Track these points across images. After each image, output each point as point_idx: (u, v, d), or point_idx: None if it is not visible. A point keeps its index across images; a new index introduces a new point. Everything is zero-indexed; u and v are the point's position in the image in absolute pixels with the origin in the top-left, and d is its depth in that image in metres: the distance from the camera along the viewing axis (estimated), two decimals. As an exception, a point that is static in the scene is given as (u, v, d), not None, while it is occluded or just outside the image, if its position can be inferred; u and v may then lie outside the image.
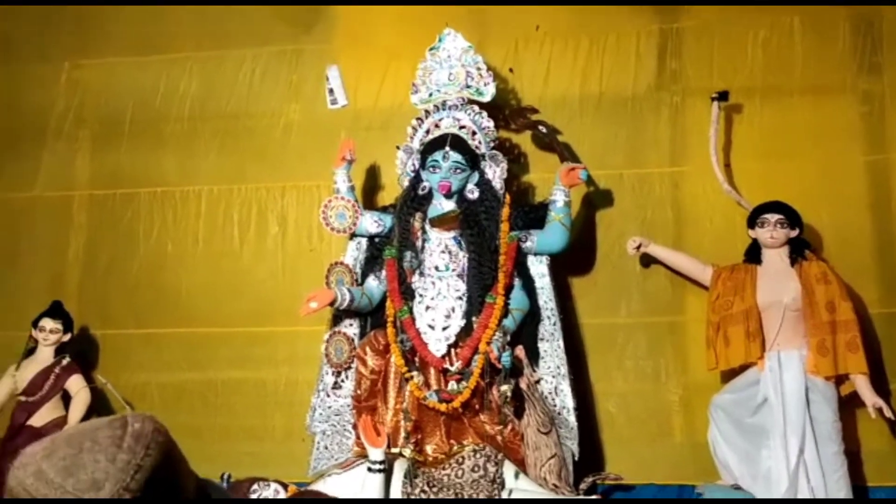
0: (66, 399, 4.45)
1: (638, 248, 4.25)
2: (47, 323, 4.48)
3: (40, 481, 0.97)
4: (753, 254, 4.07)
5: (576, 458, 4.06)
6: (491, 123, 4.31)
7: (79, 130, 5.15)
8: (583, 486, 3.94)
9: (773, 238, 3.97)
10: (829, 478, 3.70)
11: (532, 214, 4.33)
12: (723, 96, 4.31)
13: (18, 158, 5.12)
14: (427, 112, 4.36)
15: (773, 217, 3.97)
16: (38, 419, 4.35)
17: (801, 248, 4.01)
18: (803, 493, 3.68)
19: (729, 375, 4.09)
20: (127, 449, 0.97)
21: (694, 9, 4.62)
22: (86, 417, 4.44)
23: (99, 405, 4.56)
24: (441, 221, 4.21)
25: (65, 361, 4.47)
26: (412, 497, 3.78)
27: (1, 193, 5.10)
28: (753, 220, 4.04)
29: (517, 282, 4.20)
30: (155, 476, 0.97)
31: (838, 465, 3.71)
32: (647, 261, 4.43)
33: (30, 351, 4.51)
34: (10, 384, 4.35)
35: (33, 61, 5.17)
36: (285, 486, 4.01)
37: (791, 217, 3.98)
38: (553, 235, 4.23)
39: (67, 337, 4.54)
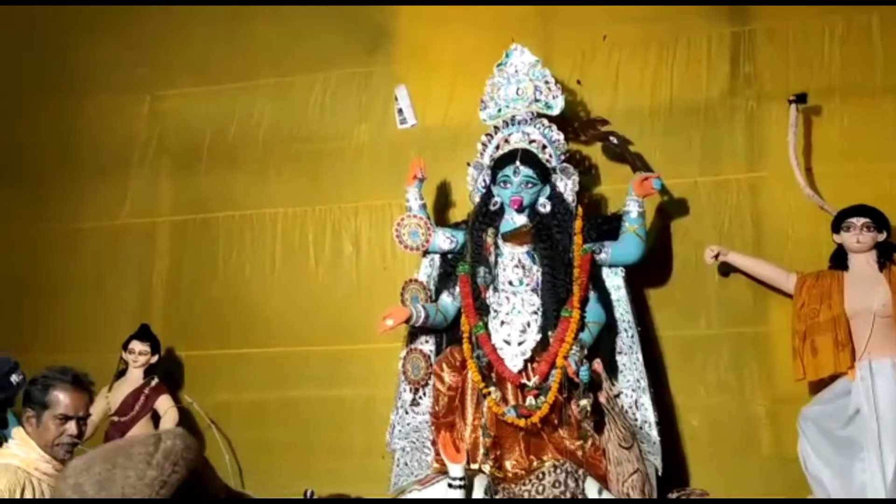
0: (156, 418, 4.62)
1: (716, 256, 4.16)
2: (136, 345, 4.66)
3: (77, 493, 1.02)
4: (839, 259, 3.93)
5: (659, 474, 3.98)
6: (561, 136, 4.29)
7: (160, 159, 5.35)
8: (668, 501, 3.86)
9: (860, 242, 3.82)
10: (929, 492, 3.53)
11: (605, 226, 4.29)
12: (801, 98, 4.18)
13: (105, 188, 5.35)
14: (496, 128, 4.38)
15: (858, 221, 3.83)
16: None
17: (890, 251, 3.85)
18: (903, 509, 3.52)
19: (818, 387, 3.95)
20: (156, 465, 1.02)
21: (766, 9, 4.50)
22: (174, 436, 4.59)
23: (185, 423, 4.71)
24: (513, 236, 4.20)
25: (154, 382, 4.63)
26: (494, 514, 3.77)
27: (91, 222, 5.34)
28: (838, 224, 3.90)
29: (592, 295, 4.16)
30: (180, 491, 1.02)
31: (941, 477, 3.54)
32: (727, 270, 4.32)
33: (121, 373, 4.70)
34: (103, 405, 4.53)
35: (117, 92, 5.40)
36: (368, 504, 4.08)
37: (878, 220, 3.83)
38: (628, 246, 4.18)
39: (155, 358, 4.71)
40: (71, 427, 2.45)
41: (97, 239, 5.32)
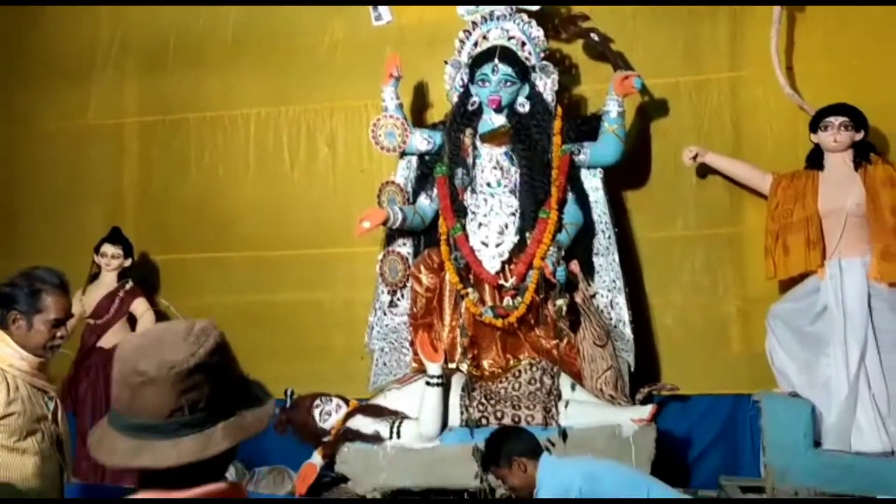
0: (132, 322, 4.62)
1: (695, 157, 4.15)
2: (108, 249, 4.61)
3: (132, 361, 1.22)
4: (815, 159, 3.93)
5: (632, 370, 4.09)
6: (541, 33, 4.18)
7: (124, 59, 5.15)
8: (639, 396, 3.97)
9: (837, 142, 3.82)
10: (891, 385, 3.66)
11: (585, 127, 4.24)
12: (786, -3, 4.09)
13: (69, 90, 5.16)
14: (474, 24, 4.25)
15: (837, 120, 3.82)
16: (106, 341, 4.52)
17: (867, 151, 3.86)
18: (864, 401, 3.65)
19: (788, 286, 4.04)
20: (193, 334, 1.23)
21: None
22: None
23: (163, 327, 4.71)
24: (492, 137, 4.15)
25: (128, 286, 4.61)
26: (470, 408, 3.86)
27: (56, 124, 5.17)
28: (816, 123, 3.89)
29: (570, 196, 4.15)
30: (215, 351, 1.23)
31: (902, 373, 3.67)
32: (705, 171, 4.32)
33: (94, 276, 4.66)
34: (78, 308, 4.49)
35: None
36: (346, 401, 4.16)
37: (856, 119, 3.82)
38: (607, 147, 4.14)
39: (129, 262, 4.68)
40: (62, 329, 2.46)
41: (64, 141, 5.17)
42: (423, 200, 4.31)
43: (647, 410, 3.74)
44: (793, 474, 3.64)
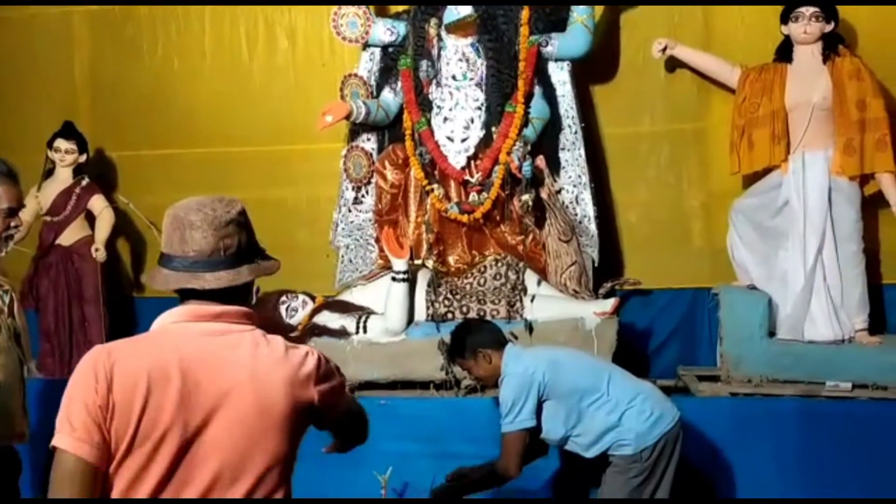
0: (90, 219, 4.51)
1: (664, 50, 4.07)
2: (61, 144, 4.46)
3: (178, 220, 1.57)
4: (784, 52, 3.88)
5: (595, 265, 4.14)
6: (508, -84, 4.01)
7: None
8: (602, 290, 4.04)
9: (807, 33, 3.77)
10: (845, 276, 3.76)
11: (553, 17, 4.12)
12: None
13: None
14: None
15: (808, 10, 3.75)
16: (65, 238, 4.44)
17: (835, 43, 3.81)
18: (819, 292, 3.75)
19: (751, 181, 4.06)
20: (228, 199, 1.63)
21: None
22: (111, 237, 4.52)
23: (123, 224, 4.62)
24: (457, 27, 4.02)
25: (84, 182, 4.49)
26: (436, 303, 3.89)
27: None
28: (787, 14, 3.82)
29: (537, 90, 4.08)
30: (242, 213, 1.64)
31: (856, 264, 3.76)
32: (674, 65, 4.25)
33: (48, 172, 4.52)
34: (33, 205, 4.39)
35: None
36: (313, 298, 4.17)
37: (827, 10, 3.76)
38: (575, 39, 4.05)
39: (83, 158, 4.54)
40: (15, 219, 2.39)
41: (10, 29, 4.91)
42: (387, 94, 4.20)
43: (609, 304, 3.80)
44: (747, 363, 3.76)
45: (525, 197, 3.95)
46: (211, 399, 1.48)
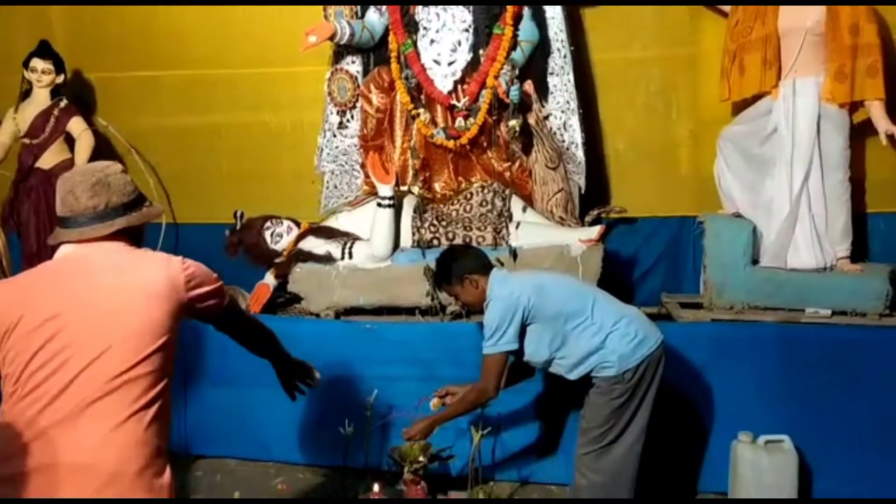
0: (70, 142, 4.43)
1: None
2: (38, 63, 4.34)
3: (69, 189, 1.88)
4: (780, -25, 3.80)
5: (582, 192, 4.13)
6: None
7: None
8: (588, 218, 4.04)
9: (803, -44, 3.68)
10: (830, 205, 3.76)
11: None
12: None
13: None
14: None
15: (804, -68, 3.66)
16: (45, 162, 4.36)
17: (831, -34, 3.73)
18: (803, 220, 3.76)
19: (741, 108, 4.02)
20: (104, 163, 1.95)
21: None
22: (92, 159, 4.44)
23: (103, 147, 4.54)
24: (445, -55, 3.90)
25: (63, 103, 4.38)
26: (422, 229, 3.88)
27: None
28: (783, -64, 3.72)
29: (526, 11, 3.99)
30: (113, 177, 1.90)
31: (842, 192, 3.77)
32: (666, -12, 4.16)
33: (25, 93, 4.41)
34: (11, 126, 4.30)
35: None
36: (298, 224, 4.14)
37: None
38: (565, -42, 3.94)
39: (61, 78, 4.42)
40: None
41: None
42: (372, 15, 4.10)
43: (595, 231, 3.81)
44: (730, 290, 3.79)
45: (512, 122, 3.91)
46: (72, 301, 1.74)
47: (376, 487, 2.99)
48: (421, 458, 3.27)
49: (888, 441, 3.37)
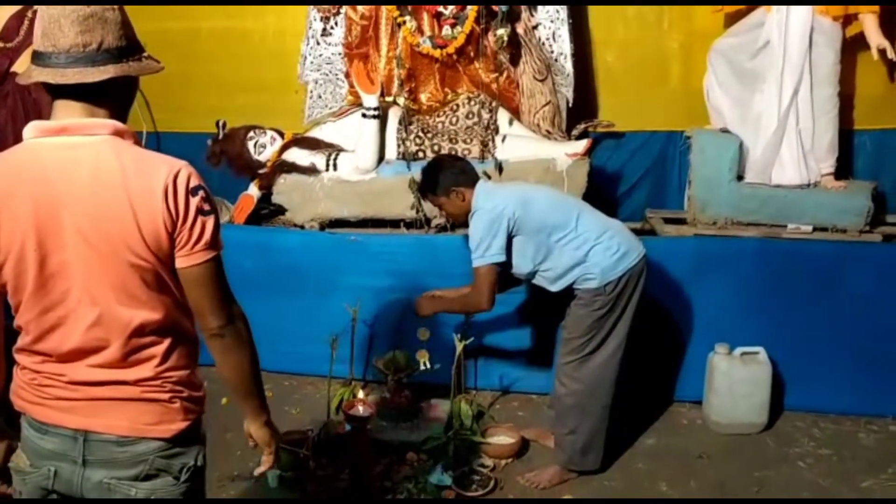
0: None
1: None
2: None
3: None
4: None
5: (570, 105, 4.08)
6: None
7: None
8: (575, 132, 4.00)
9: None
10: (818, 120, 3.75)
11: None
12: None
13: None
14: None
15: None
16: (20, 66, 4.18)
17: None
18: (790, 135, 3.75)
19: (734, 22, 3.95)
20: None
21: None
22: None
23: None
24: None
25: (36, 6, 4.22)
26: (407, 141, 3.84)
27: None
28: None
29: (517, -85, 3.84)
30: (116, 8, 1.51)
31: (830, 108, 3.74)
32: None
33: (-3, -3, 4.24)
34: (-18, 22, 4.14)
35: None
36: (281, 134, 4.08)
37: None
38: None
39: (34, -20, 4.25)
40: None
41: None
42: (358, -84, 3.94)
43: (581, 145, 3.78)
44: (713, 206, 3.81)
45: (500, 32, 3.82)
46: (51, 218, 1.46)
47: (361, 394, 3.05)
48: (405, 367, 3.35)
49: (861, 355, 3.47)
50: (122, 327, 1.51)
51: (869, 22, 3.64)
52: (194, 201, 1.49)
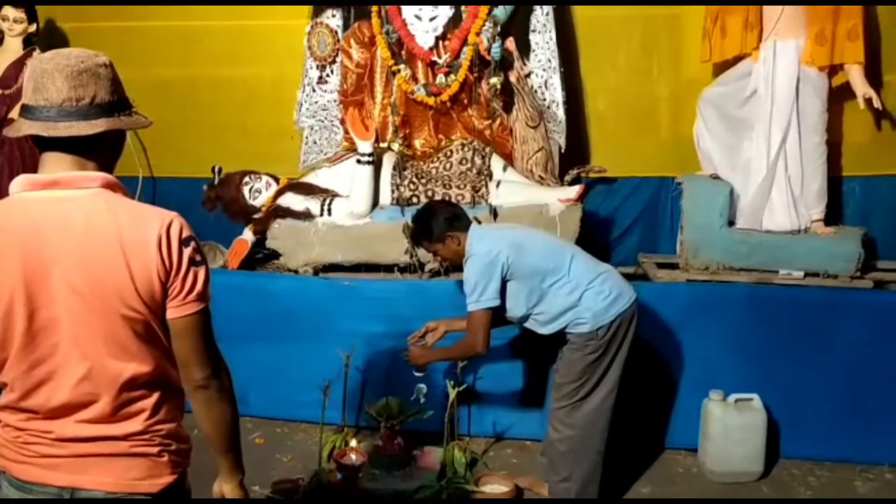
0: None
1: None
2: (9, 12, 4.23)
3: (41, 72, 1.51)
4: (765, -65, 3.77)
5: (562, 151, 4.13)
6: None
7: None
8: (567, 177, 4.04)
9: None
10: (807, 167, 3.80)
11: None
12: None
13: None
14: None
15: None
16: (18, 113, 4.28)
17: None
18: (780, 182, 3.80)
19: (721, 70, 4.02)
20: (93, 52, 1.56)
21: None
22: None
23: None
24: None
25: (35, 53, 4.28)
26: (401, 187, 3.88)
27: None
28: None
29: (509, -32, 3.94)
30: (106, 65, 1.56)
31: (818, 155, 3.80)
32: (650, -55, 4.12)
33: (-3, 41, 4.31)
34: (-19, 77, 4.21)
35: None
36: (276, 179, 4.12)
37: None
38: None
39: (33, 27, 4.32)
40: None
41: None
42: (354, -32, 4.03)
43: (574, 190, 3.82)
44: (705, 251, 3.84)
45: (493, 80, 3.89)
46: (40, 272, 1.46)
47: (353, 442, 3.03)
48: (398, 414, 3.32)
49: (855, 401, 3.46)
50: (113, 380, 1.50)
51: (854, 72, 3.71)
52: (187, 252, 1.51)
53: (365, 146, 3.81)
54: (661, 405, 3.57)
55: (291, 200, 3.93)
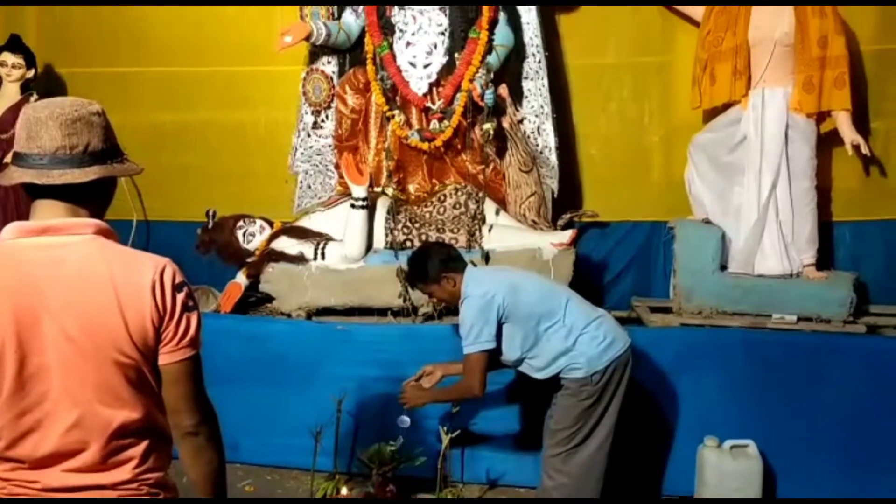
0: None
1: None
2: (8, 57, 4.28)
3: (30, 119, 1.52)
4: (751, -14, 3.86)
5: (555, 196, 4.16)
6: None
7: None
8: (560, 222, 4.07)
9: (773, -31, 3.75)
10: (797, 212, 3.83)
11: (520, -59, 4.03)
12: None
13: None
14: None
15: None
16: (14, 157, 4.30)
17: (801, -21, 3.80)
18: (771, 227, 3.83)
19: (711, 116, 4.08)
20: (85, 100, 1.57)
21: None
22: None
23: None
24: (422, -52, 3.91)
25: (33, 98, 4.30)
26: (395, 231, 3.89)
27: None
28: (754, -52, 3.78)
29: (502, 16, 4.02)
30: (98, 113, 1.56)
31: (808, 201, 3.84)
32: (641, -5, 4.21)
33: (-6, 88, 4.35)
34: (-21, 122, 4.24)
35: None
36: (270, 223, 4.13)
37: None
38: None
39: (31, 73, 4.37)
40: None
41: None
42: (349, 16, 4.10)
43: (567, 235, 3.84)
44: (698, 295, 3.85)
45: (486, 126, 3.93)
46: (31, 319, 1.45)
47: (345, 490, 2.99)
48: (390, 460, 3.28)
49: (850, 446, 3.44)
50: (103, 428, 1.48)
51: (842, 119, 3.77)
52: (180, 297, 1.51)
53: (359, 190, 3.83)
54: (656, 452, 3.54)
55: (285, 244, 3.94)
